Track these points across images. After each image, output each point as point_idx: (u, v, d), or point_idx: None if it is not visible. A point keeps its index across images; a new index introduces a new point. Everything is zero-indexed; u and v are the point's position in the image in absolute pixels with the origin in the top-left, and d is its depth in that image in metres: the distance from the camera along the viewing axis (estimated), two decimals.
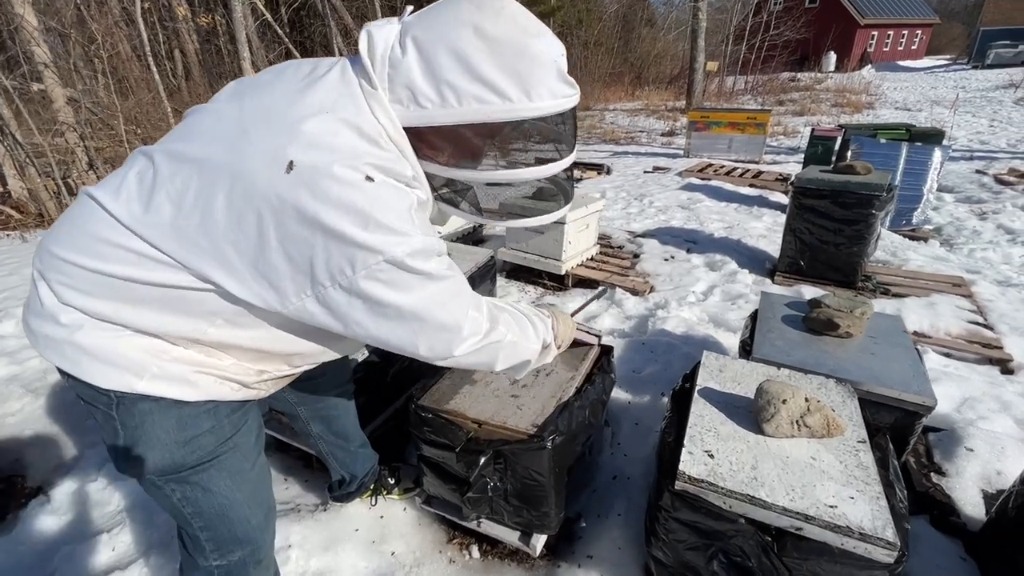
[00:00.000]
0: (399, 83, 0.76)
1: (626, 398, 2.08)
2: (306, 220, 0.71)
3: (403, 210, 0.75)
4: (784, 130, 9.69)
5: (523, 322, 1.07)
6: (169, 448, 0.86)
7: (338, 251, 0.72)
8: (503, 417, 1.35)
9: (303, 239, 0.72)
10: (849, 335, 1.67)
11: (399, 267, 0.75)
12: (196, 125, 0.81)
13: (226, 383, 0.88)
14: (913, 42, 27.34)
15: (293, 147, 0.71)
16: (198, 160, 0.75)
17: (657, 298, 2.98)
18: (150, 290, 0.77)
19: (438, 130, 0.79)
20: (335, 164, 0.71)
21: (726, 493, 1.07)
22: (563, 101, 0.80)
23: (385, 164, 0.76)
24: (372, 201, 0.72)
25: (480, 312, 0.93)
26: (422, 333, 0.83)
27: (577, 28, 18.51)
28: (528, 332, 1.08)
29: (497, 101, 0.75)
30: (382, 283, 0.75)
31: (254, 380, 0.92)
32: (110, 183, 0.80)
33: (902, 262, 3.51)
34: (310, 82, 0.79)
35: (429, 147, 0.82)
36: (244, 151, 0.73)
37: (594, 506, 1.61)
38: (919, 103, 12.51)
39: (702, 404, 1.32)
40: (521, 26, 0.76)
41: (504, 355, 1.00)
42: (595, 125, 11.62)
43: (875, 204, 2.83)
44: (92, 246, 0.76)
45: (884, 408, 1.44)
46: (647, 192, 5.49)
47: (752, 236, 3.97)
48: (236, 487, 0.95)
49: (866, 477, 1.09)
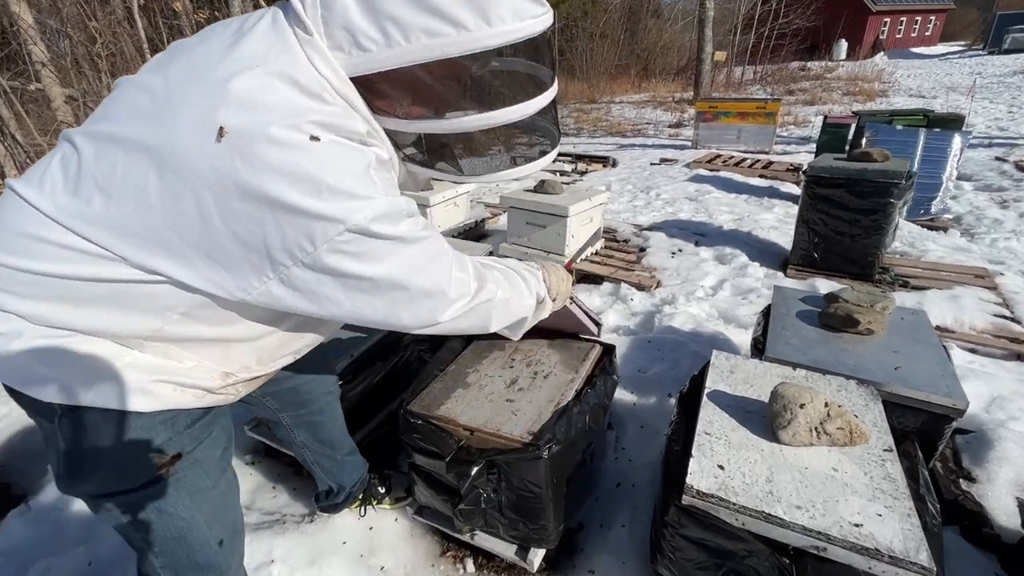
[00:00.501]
0: (335, 25, 0.66)
1: (631, 399, 1.98)
2: (249, 194, 0.62)
3: (359, 170, 0.67)
4: (794, 120, 9.46)
5: (513, 278, 1.00)
6: (119, 465, 0.77)
7: (292, 226, 0.63)
8: (497, 424, 1.25)
9: (250, 216, 0.63)
10: (870, 332, 1.55)
11: (365, 235, 0.66)
12: (119, 100, 0.72)
13: (187, 391, 0.79)
14: (927, 28, 26.75)
15: (222, 110, 0.62)
16: (122, 138, 0.66)
17: (664, 293, 2.87)
18: (92, 287, 0.68)
19: (389, 76, 0.68)
20: (271, 125, 0.61)
21: (738, 509, 0.97)
22: (532, 23, 0.68)
23: (332, 120, 0.66)
24: (321, 163, 0.63)
25: (466, 272, 0.85)
26: (403, 303, 0.76)
27: (582, 20, 18.27)
28: (520, 288, 1.00)
29: (451, 32, 0.64)
30: (349, 255, 0.67)
31: (219, 384, 0.83)
32: (34, 173, 0.71)
33: (921, 253, 3.37)
34: (238, 37, 0.69)
35: (382, 99, 0.71)
36: (169, 121, 0.64)
37: (597, 515, 1.51)
38: (934, 90, 12.19)
39: (711, 409, 1.22)
40: None
41: (497, 314, 0.93)
42: (601, 118, 11.45)
43: (894, 192, 2.69)
44: (21, 244, 0.68)
45: (910, 411, 1.32)
46: (654, 184, 5.35)
47: (763, 228, 3.84)
48: (196, 507, 0.85)
49: (894, 491, 0.99)
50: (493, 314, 0.92)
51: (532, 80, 0.74)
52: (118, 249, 0.66)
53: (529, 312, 1.04)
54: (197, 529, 0.86)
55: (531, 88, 0.74)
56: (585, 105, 13.54)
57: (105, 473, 0.77)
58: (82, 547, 1.46)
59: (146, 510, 0.82)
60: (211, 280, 0.68)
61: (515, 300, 0.98)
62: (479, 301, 0.86)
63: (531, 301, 1.03)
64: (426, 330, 0.83)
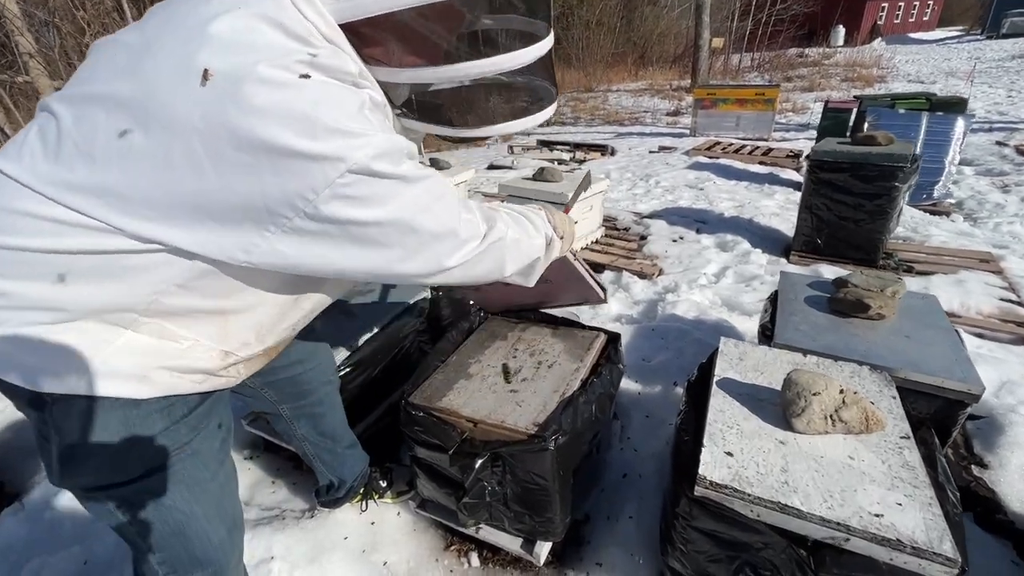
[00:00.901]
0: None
1: (636, 388, 1.95)
2: (242, 140, 0.57)
3: (354, 109, 0.63)
4: (793, 106, 9.39)
5: (520, 219, 0.95)
6: (114, 455, 0.73)
7: (290, 171, 0.59)
8: (501, 415, 1.22)
9: (245, 165, 0.59)
10: (881, 316, 1.52)
11: (367, 175, 0.62)
12: (96, 61, 0.67)
13: (185, 375, 0.75)
14: (924, 13, 26.57)
15: (204, 53, 0.58)
16: (100, 97, 0.61)
17: (666, 281, 2.84)
18: (80, 260, 0.63)
19: (378, 22, 0.66)
20: (259, 64, 0.58)
21: (753, 500, 0.93)
22: None
23: (321, 60, 0.62)
24: (315, 102, 0.59)
25: (473, 214, 0.80)
26: (413, 248, 0.71)
27: (578, 8, 18.05)
28: (528, 228, 0.95)
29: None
30: (353, 200, 0.63)
31: (218, 365, 0.78)
32: (11, 146, 0.66)
33: (924, 238, 3.33)
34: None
35: (373, 46, 0.69)
36: (149, 72, 0.60)
37: (603, 507, 1.48)
38: (932, 75, 12.11)
39: (721, 397, 1.18)
40: None
41: (511, 256, 0.88)
42: (598, 106, 11.35)
43: (899, 176, 2.65)
44: (4, 220, 0.63)
45: (923, 397, 1.29)
46: (653, 172, 5.30)
47: (764, 215, 3.80)
48: (194, 499, 0.81)
49: (913, 479, 0.95)
50: (507, 256, 0.87)
51: (526, 30, 0.73)
52: (106, 217, 0.61)
53: (541, 252, 0.98)
54: (196, 522, 0.82)
55: (525, 38, 0.72)
56: (582, 94, 13.42)
57: (99, 464, 0.73)
58: (77, 546, 1.43)
59: (143, 503, 0.77)
60: (210, 242, 0.63)
61: (526, 240, 0.93)
62: (490, 241, 0.81)
63: (541, 240, 0.98)
64: (438, 277, 0.77)
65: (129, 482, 0.75)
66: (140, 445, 0.74)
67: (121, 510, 0.77)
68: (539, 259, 0.98)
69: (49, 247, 0.62)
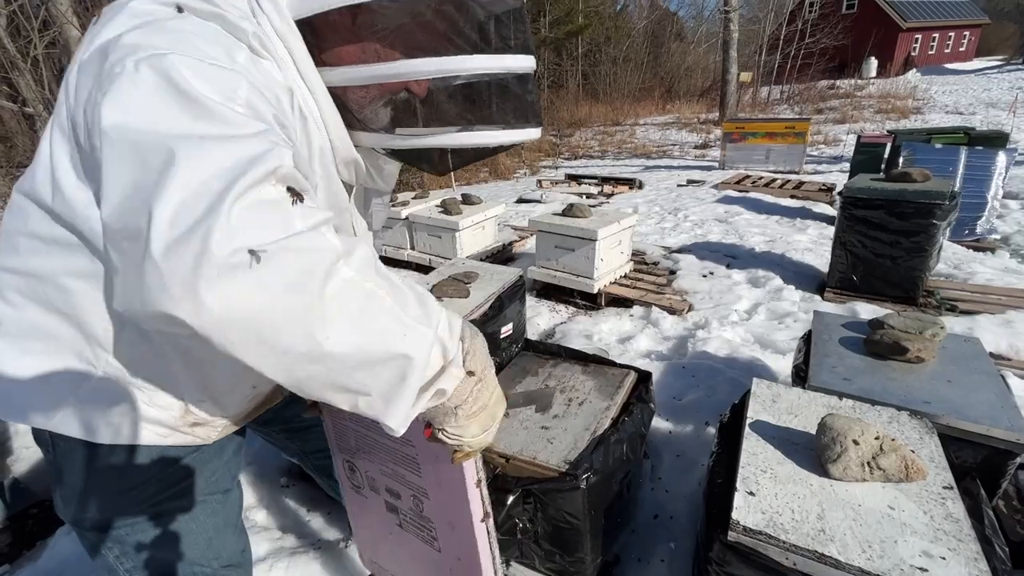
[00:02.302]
0: None
1: (666, 427, 1.94)
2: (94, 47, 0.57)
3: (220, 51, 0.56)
4: (824, 139, 9.32)
5: (406, 287, 0.59)
6: (107, 497, 0.76)
7: (96, 69, 0.55)
8: (532, 451, 1.24)
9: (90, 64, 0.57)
10: (920, 360, 1.49)
11: (158, 74, 0.51)
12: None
13: (149, 426, 0.72)
14: (961, 44, 26.15)
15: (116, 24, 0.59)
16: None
17: (696, 317, 2.82)
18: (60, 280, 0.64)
19: (339, 15, 0.61)
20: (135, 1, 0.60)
21: (789, 548, 0.92)
22: None
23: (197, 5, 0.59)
24: (173, 35, 0.55)
25: (304, 220, 0.50)
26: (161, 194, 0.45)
27: (605, 45, 18.56)
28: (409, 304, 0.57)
29: None
30: (112, 96, 0.51)
31: (181, 423, 0.76)
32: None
33: (968, 275, 3.23)
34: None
35: (331, 46, 0.63)
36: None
37: (634, 548, 1.47)
38: (972, 106, 11.85)
39: (755, 440, 1.18)
40: None
41: (348, 310, 0.50)
42: (625, 140, 11.51)
43: (936, 214, 2.60)
44: (10, 240, 0.66)
45: (968, 446, 1.26)
46: (681, 206, 5.32)
47: (797, 250, 3.76)
48: (186, 545, 0.83)
49: (958, 532, 0.93)
50: (340, 304, 0.50)
51: (500, 39, 0.66)
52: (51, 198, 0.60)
53: (418, 353, 0.55)
54: (184, 565, 0.84)
55: (498, 46, 0.65)
56: (609, 128, 13.64)
57: (93, 504, 0.76)
58: None
59: (135, 545, 0.79)
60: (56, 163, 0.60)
61: (394, 310, 0.55)
62: (316, 246, 0.49)
63: (428, 333, 0.57)
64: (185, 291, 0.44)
65: (120, 525, 0.77)
66: (134, 488, 0.76)
67: (113, 552, 0.79)
68: (410, 360, 0.55)
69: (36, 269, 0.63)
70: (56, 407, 0.69)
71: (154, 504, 0.79)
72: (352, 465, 1.05)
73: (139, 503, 0.78)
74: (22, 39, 5.04)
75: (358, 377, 0.53)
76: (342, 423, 1.01)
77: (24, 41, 4.90)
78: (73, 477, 0.75)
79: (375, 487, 1.04)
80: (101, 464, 0.74)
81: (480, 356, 0.67)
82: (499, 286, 2.07)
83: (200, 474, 0.83)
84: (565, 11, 16.74)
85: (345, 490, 1.11)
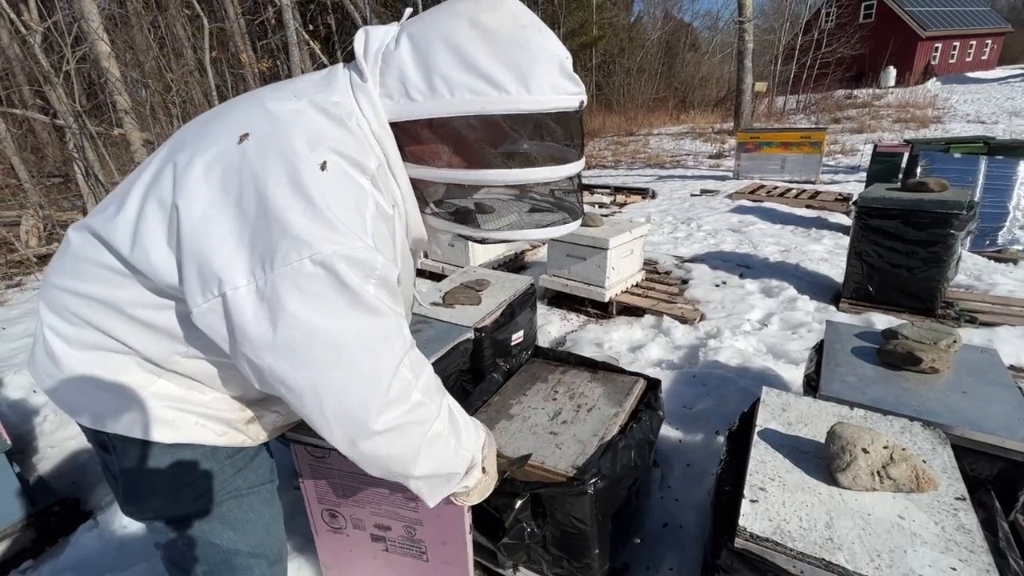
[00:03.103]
0: (390, 76, 0.71)
1: (676, 436, 1.93)
2: (240, 193, 0.64)
3: (352, 204, 0.66)
4: (841, 148, 9.23)
5: (456, 419, 0.86)
6: (166, 493, 0.82)
7: (261, 234, 0.62)
8: (541, 456, 1.26)
9: (231, 218, 0.64)
10: (934, 370, 1.47)
11: (327, 271, 0.62)
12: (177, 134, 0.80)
13: (209, 424, 0.81)
14: (983, 52, 25.74)
15: (253, 121, 0.68)
16: (164, 156, 0.73)
17: (708, 327, 2.81)
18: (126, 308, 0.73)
19: (427, 125, 0.72)
20: (292, 135, 0.67)
21: (796, 556, 0.92)
22: (567, 98, 0.72)
23: (346, 151, 0.68)
24: (319, 184, 0.64)
25: (416, 376, 0.75)
26: (334, 381, 0.66)
27: (619, 57, 18.64)
28: (461, 434, 0.85)
29: (492, 92, 0.68)
30: (301, 292, 0.62)
31: (240, 421, 0.85)
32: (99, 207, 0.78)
33: (989, 287, 3.17)
34: (292, 80, 0.77)
35: (417, 145, 0.75)
36: (206, 135, 0.70)
37: (643, 557, 1.46)
38: (994, 115, 11.65)
39: (763, 448, 1.18)
40: (520, 21, 0.71)
41: (429, 452, 0.78)
42: (639, 150, 11.51)
43: (954, 224, 2.57)
44: (77, 267, 0.75)
45: (983, 458, 1.24)
46: (695, 215, 5.30)
47: (812, 260, 3.72)
48: (239, 538, 0.89)
49: (970, 543, 0.92)
50: (423, 447, 0.77)
51: (559, 150, 0.77)
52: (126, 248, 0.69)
53: (460, 469, 0.85)
54: (240, 557, 0.90)
55: (558, 157, 0.76)
56: (623, 138, 13.66)
57: (156, 501, 0.82)
58: (144, 563, 1.53)
59: (195, 536, 0.86)
60: (184, 290, 0.67)
61: (452, 443, 0.83)
62: (415, 418, 0.74)
63: (467, 456, 0.87)
64: (349, 436, 0.70)
65: (183, 517, 0.84)
66: (189, 485, 0.82)
67: (177, 540, 0.86)
68: (457, 476, 0.86)
69: (103, 296, 0.72)
70: (120, 412, 0.76)
71: (211, 498, 0.85)
72: (334, 512, 1.26)
73: (196, 498, 0.84)
74: (55, 54, 5.26)
75: (418, 483, 0.82)
76: (327, 482, 1.22)
77: (57, 56, 5.11)
78: (133, 476, 0.80)
79: (361, 526, 1.25)
80: (159, 462, 0.79)
81: (491, 459, 0.98)
82: (510, 293, 2.10)
83: (250, 467, 0.90)
84: (579, 23, 16.87)
85: (320, 533, 1.32)
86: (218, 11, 9.76)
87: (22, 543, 1.65)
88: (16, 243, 4.87)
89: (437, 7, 0.75)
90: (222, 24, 9.40)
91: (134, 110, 5.99)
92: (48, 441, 2.12)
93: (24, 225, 5.05)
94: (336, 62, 4.90)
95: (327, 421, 0.69)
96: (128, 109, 5.69)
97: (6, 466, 1.62)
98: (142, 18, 7.91)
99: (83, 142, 4.96)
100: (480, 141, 0.73)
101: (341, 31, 13.32)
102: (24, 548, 1.66)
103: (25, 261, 4.77)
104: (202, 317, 0.66)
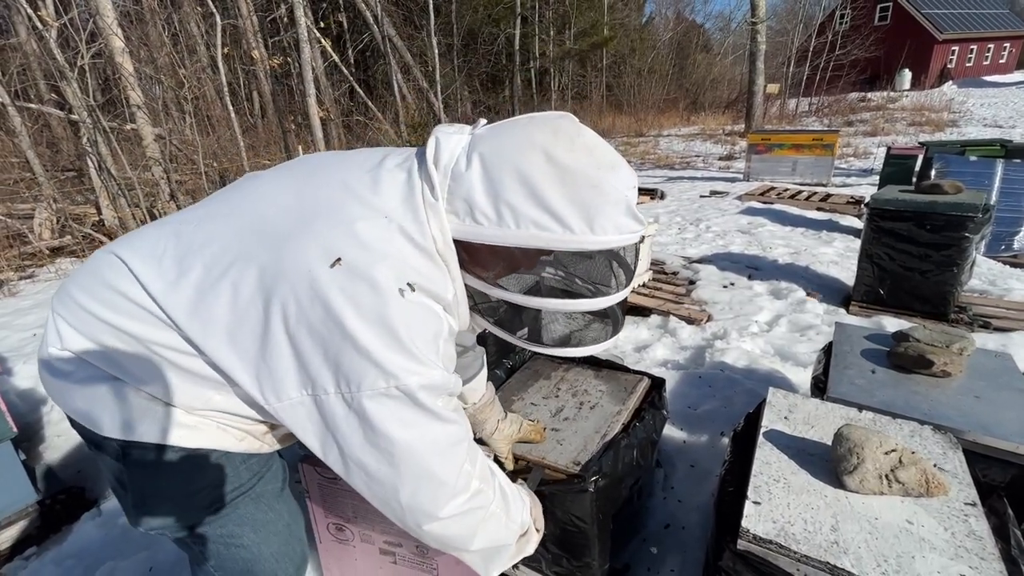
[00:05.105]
0: (458, 196, 0.73)
1: (681, 437, 1.91)
2: (331, 318, 0.68)
3: (431, 337, 0.72)
4: (854, 151, 9.13)
5: (507, 494, 0.92)
6: (179, 500, 0.82)
7: (351, 359, 0.68)
8: (542, 452, 1.24)
9: (321, 336, 0.68)
10: (946, 374, 1.44)
11: (409, 398, 0.70)
12: (246, 197, 0.80)
13: (229, 431, 0.83)
14: (1000, 56, 25.34)
15: (343, 244, 0.70)
16: (239, 250, 0.73)
17: (715, 328, 2.78)
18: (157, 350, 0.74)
19: (489, 248, 0.77)
20: (378, 266, 0.69)
21: (800, 559, 0.90)
22: (628, 236, 0.75)
23: (427, 284, 0.73)
24: (403, 318, 0.69)
25: (474, 466, 0.83)
26: (409, 478, 0.75)
27: (630, 57, 18.57)
28: (510, 508, 0.92)
29: (558, 230, 0.71)
30: (386, 410, 0.70)
31: (258, 432, 0.87)
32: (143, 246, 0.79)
33: (1004, 292, 3.11)
34: (375, 178, 0.77)
35: (476, 262, 0.80)
36: (293, 248, 0.71)
37: (644, 558, 1.45)
38: (1012, 119, 11.47)
39: (768, 449, 1.16)
40: (596, 158, 0.73)
41: (484, 529, 0.86)
42: (648, 151, 11.46)
43: (968, 227, 2.52)
44: (108, 294, 0.75)
45: (996, 464, 1.21)
46: (703, 216, 5.26)
47: (822, 262, 3.67)
48: (262, 540, 0.89)
49: (981, 550, 0.89)
50: (480, 527, 0.85)
51: (610, 279, 0.81)
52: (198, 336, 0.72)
53: (512, 541, 0.93)
54: (264, 561, 0.90)
55: (609, 285, 0.80)
56: (632, 138, 13.61)
57: (171, 508, 0.83)
58: (144, 552, 1.54)
59: (215, 542, 0.86)
60: (254, 380, 0.72)
61: (504, 520, 0.90)
62: (475, 505, 0.82)
63: (516, 528, 0.93)
64: (417, 521, 0.78)
65: (201, 523, 0.84)
66: (203, 490, 0.83)
67: (198, 546, 0.87)
68: (509, 548, 0.93)
69: (136, 333, 0.74)
70: (139, 421, 0.77)
71: (228, 500, 0.85)
72: (340, 526, 1.25)
73: (213, 502, 0.84)
74: (70, 50, 5.31)
75: (472, 556, 0.88)
76: (337, 499, 1.20)
77: (72, 52, 5.16)
78: (145, 482, 0.80)
79: (369, 540, 1.24)
80: (175, 467, 0.79)
81: (539, 518, 1.06)
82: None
83: (266, 470, 0.90)
84: (590, 23, 16.82)
85: (324, 542, 1.32)
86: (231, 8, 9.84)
87: (27, 530, 1.67)
88: (30, 235, 4.93)
89: (512, 128, 0.75)
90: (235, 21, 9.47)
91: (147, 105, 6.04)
92: (55, 430, 2.14)
93: (37, 218, 5.11)
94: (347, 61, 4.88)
95: (400, 507, 0.77)
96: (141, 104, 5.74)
97: (12, 454, 1.63)
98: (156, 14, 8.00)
99: (96, 137, 5.01)
100: (535, 265, 0.81)
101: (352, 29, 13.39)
102: (29, 535, 1.67)
103: (38, 253, 4.83)
104: (289, 409, 0.72)
